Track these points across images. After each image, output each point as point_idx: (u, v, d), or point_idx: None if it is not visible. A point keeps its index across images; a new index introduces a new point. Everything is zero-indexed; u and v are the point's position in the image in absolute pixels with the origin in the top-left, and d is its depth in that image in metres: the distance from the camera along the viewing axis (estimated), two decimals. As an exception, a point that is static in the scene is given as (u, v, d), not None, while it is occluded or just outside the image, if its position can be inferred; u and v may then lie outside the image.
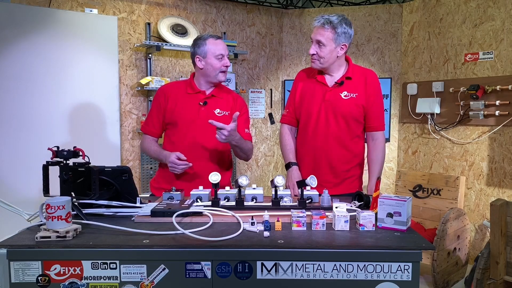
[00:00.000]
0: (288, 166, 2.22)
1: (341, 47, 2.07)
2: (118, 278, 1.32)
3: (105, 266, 1.32)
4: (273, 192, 1.76)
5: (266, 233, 1.41)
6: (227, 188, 1.91)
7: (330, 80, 2.16)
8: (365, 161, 2.25)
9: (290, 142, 2.28)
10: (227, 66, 2.16)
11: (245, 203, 1.76)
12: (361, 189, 2.20)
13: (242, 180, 1.74)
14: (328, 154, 2.14)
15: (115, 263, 1.32)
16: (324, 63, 2.09)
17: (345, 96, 2.12)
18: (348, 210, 1.56)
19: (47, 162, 1.60)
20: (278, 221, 1.49)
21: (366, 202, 1.73)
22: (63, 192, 1.60)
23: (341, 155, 2.14)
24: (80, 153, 1.62)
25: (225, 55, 2.15)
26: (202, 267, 1.33)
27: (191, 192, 1.83)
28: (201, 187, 1.88)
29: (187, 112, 2.17)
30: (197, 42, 2.18)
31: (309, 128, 2.17)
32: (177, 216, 1.53)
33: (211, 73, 2.15)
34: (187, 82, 2.26)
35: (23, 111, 2.97)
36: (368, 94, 2.12)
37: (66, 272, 1.32)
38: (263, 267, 1.33)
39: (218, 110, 2.20)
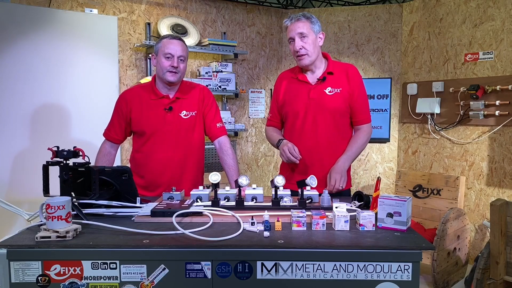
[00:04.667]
0: (278, 142, 2.18)
1: (319, 37, 2.12)
2: (118, 278, 1.32)
3: (105, 266, 1.32)
4: (273, 192, 1.76)
5: (266, 233, 1.41)
6: (227, 188, 1.91)
7: (312, 78, 2.17)
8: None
9: (276, 130, 2.32)
10: (173, 67, 2.08)
11: (245, 203, 1.76)
12: (350, 185, 2.19)
13: (242, 180, 1.74)
14: (318, 152, 2.13)
15: (115, 263, 1.32)
16: (312, 56, 2.09)
17: (329, 92, 2.12)
18: (348, 210, 1.56)
19: (47, 162, 1.60)
20: (278, 221, 1.49)
21: (366, 202, 1.73)
22: (63, 192, 1.60)
23: (330, 152, 2.13)
24: (80, 153, 1.62)
25: (174, 55, 2.08)
26: (202, 267, 1.33)
27: (191, 192, 1.84)
28: (201, 187, 1.89)
29: (153, 120, 2.14)
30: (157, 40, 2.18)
31: (296, 128, 2.17)
32: (177, 216, 1.53)
33: (159, 72, 2.13)
34: (150, 86, 2.20)
35: (23, 110, 2.98)
36: (352, 88, 2.13)
37: (66, 272, 1.32)
38: (263, 267, 1.33)
39: (184, 112, 2.17)
